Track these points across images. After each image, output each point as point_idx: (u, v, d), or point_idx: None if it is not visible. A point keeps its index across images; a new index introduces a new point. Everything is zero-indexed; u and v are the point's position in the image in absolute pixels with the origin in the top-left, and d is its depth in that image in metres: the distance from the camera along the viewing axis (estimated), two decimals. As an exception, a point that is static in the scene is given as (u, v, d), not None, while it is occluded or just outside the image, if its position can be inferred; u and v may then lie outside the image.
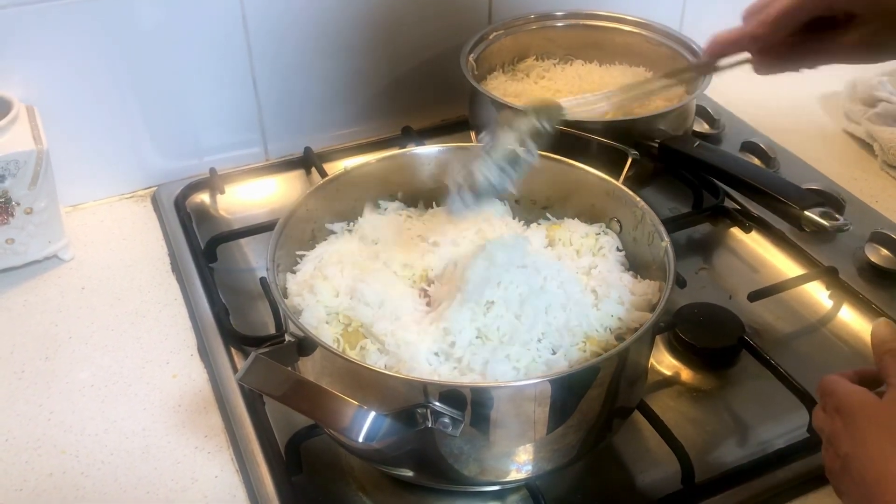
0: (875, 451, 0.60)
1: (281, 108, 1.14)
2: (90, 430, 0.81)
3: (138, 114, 1.06)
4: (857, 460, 0.61)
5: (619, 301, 0.75)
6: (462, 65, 1.07)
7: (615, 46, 1.18)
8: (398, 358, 0.69)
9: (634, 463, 0.78)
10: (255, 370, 0.63)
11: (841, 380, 0.66)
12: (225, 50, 1.07)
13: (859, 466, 0.60)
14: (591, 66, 1.19)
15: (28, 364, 0.87)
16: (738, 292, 0.95)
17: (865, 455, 0.60)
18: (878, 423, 0.61)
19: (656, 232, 0.77)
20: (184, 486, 0.76)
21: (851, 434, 0.62)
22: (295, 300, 0.75)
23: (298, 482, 0.75)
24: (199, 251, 0.99)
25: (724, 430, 0.81)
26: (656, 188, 1.07)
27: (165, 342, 0.90)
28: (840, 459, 0.63)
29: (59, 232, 0.98)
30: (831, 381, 0.66)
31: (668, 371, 0.87)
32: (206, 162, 1.13)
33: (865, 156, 1.19)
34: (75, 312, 0.93)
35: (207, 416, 0.82)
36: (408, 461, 0.69)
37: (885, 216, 1.05)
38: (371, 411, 0.59)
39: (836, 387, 0.65)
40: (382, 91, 1.19)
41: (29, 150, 0.91)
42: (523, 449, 0.68)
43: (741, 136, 1.18)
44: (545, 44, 1.20)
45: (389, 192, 0.88)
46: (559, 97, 1.08)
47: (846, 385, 0.65)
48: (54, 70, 0.99)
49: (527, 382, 0.66)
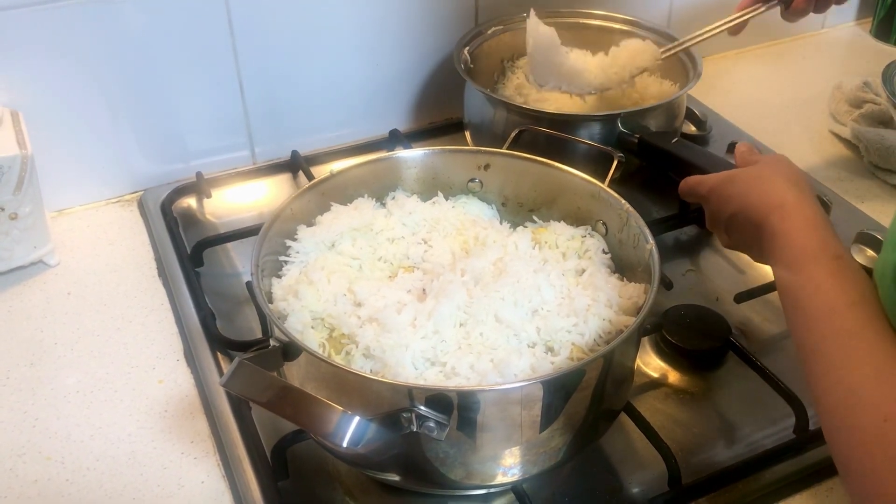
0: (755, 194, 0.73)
1: (268, 112, 1.14)
2: (76, 437, 0.80)
3: (124, 118, 1.06)
4: (742, 209, 0.74)
5: (606, 304, 0.75)
6: (455, 60, 1.08)
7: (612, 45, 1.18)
8: (384, 363, 0.69)
9: (621, 465, 0.78)
10: (239, 375, 0.62)
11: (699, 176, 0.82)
12: (211, 53, 1.07)
13: (747, 211, 0.74)
14: None
15: (13, 370, 0.87)
16: (724, 294, 0.95)
17: (747, 202, 0.74)
18: (749, 180, 0.75)
19: (642, 234, 0.77)
20: (170, 491, 0.76)
21: (729, 198, 0.76)
22: (280, 305, 0.75)
23: (285, 487, 0.74)
24: (186, 256, 0.99)
25: (711, 432, 0.81)
26: (643, 191, 1.08)
27: (152, 347, 0.90)
28: (726, 224, 0.77)
29: (45, 237, 0.98)
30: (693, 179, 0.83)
31: (655, 373, 0.87)
32: (193, 166, 1.12)
33: (851, 156, 1.20)
34: (61, 318, 0.93)
35: (194, 421, 0.82)
36: (394, 466, 0.69)
37: (870, 217, 1.06)
38: (355, 416, 0.59)
39: (702, 178, 0.81)
40: (369, 94, 1.19)
41: (13, 155, 0.90)
42: (509, 452, 0.68)
43: (728, 137, 1.19)
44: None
45: (376, 194, 0.88)
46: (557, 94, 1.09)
47: (706, 176, 0.81)
48: (39, 74, 0.99)
49: (512, 386, 0.65)
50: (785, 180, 0.73)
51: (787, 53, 1.47)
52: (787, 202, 0.70)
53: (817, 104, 1.30)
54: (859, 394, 0.56)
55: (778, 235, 0.69)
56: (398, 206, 0.87)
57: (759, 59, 1.45)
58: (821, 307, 0.63)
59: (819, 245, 0.66)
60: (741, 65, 1.43)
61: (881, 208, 1.08)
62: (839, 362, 0.59)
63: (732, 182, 0.77)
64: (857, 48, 1.50)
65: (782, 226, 0.69)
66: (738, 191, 0.75)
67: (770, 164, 0.77)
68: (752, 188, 0.74)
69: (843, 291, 0.62)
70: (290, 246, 0.81)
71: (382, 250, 0.82)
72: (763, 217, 0.71)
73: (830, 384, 0.59)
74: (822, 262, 0.65)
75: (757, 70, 1.42)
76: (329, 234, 0.82)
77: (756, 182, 0.74)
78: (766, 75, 1.40)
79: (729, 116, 1.25)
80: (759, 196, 0.73)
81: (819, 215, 0.69)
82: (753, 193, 0.74)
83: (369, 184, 0.88)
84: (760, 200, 0.72)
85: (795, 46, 1.49)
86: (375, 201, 0.87)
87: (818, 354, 0.61)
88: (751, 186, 0.74)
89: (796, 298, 0.65)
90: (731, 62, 1.43)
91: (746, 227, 0.74)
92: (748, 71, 1.41)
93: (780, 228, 0.69)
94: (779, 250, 0.69)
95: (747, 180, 0.76)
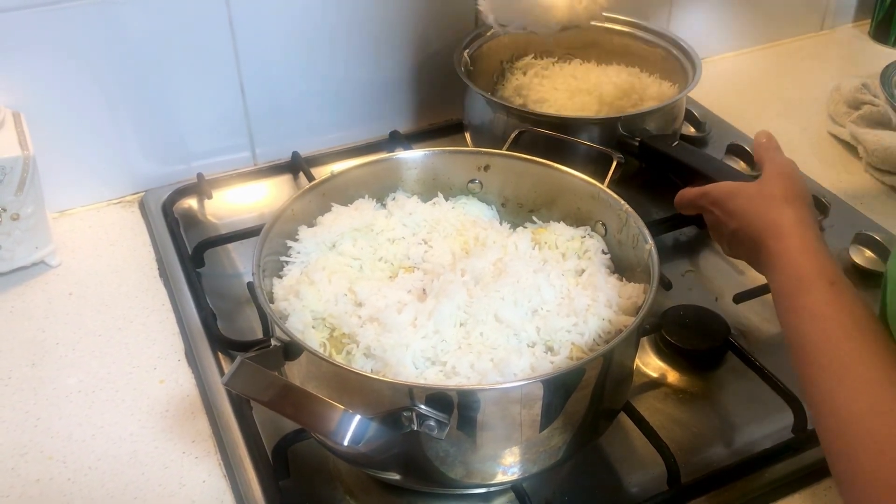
0: (755, 214, 0.75)
1: (268, 113, 1.14)
2: (77, 436, 0.80)
3: (125, 119, 1.06)
4: (743, 228, 0.76)
5: (606, 304, 0.75)
6: (455, 62, 1.08)
7: (612, 46, 1.19)
8: (384, 362, 0.69)
9: (621, 464, 0.78)
10: (241, 375, 0.63)
11: (701, 188, 0.83)
12: (212, 55, 1.07)
13: (746, 230, 0.75)
14: (589, 66, 1.20)
15: (15, 370, 0.87)
16: (723, 294, 0.96)
17: (748, 219, 0.75)
18: (751, 197, 0.77)
19: (641, 234, 0.77)
20: (171, 490, 0.76)
21: (731, 213, 0.78)
22: (281, 305, 0.75)
23: (286, 486, 0.75)
24: (187, 256, 0.99)
25: (710, 431, 0.82)
26: (643, 193, 1.08)
27: (153, 347, 0.90)
28: (728, 237, 0.80)
29: (47, 238, 0.98)
30: (695, 190, 0.84)
31: (655, 373, 0.87)
32: (194, 167, 1.13)
33: (850, 158, 1.20)
34: (62, 318, 0.93)
35: (195, 421, 0.82)
36: (394, 464, 0.69)
37: (869, 218, 1.06)
38: (356, 415, 0.59)
39: (704, 189, 0.82)
40: (370, 96, 1.20)
41: (15, 157, 0.90)
42: (509, 451, 0.68)
43: (727, 139, 1.19)
44: (545, 42, 1.20)
45: (377, 195, 0.88)
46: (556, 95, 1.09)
47: (714, 185, 0.82)
48: (41, 76, 0.99)
49: (512, 385, 0.66)
50: (783, 199, 0.74)
51: (786, 55, 1.47)
52: (784, 225, 0.72)
53: (816, 106, 1.30)
54: (854, 427, 0.58)
55: (774, 258, 0.71)
56: (398, 206, 0.87)
57: (757, 61, 1.45)
58: (817, 336, 0.64)
59: (815, 270, 0.68)
60: (740, 66, 1.43)
61: (879, 209, 1.09)
62: (834, 393, 0.60)
63: (734, 197, 0.79)
64: (855, 50, 1.50)
65: (779, 248, 0.71)
66: (739, 207, 0.77)
67: (772, 179, 0.78)
68: (752, 206, 0.76)
69: (838, 322, 0.64)
70: (291, 246, 0.81)
71: (383, 251, 0.83)
72: (761, 238, 0.73)
73: (826, 413, 0.60)
74: (818, 288, 0.66)
75: (756, 71, 1.42)
76: (330, 235, 0.82)
77: (757, 200, 0.76)
78: (764, 77, 1.41)
79: (727, 118, 1.26)
80: (758, 215, 0.75)
81: (816, 238, 0.71)
82: (753, 212, 0.75)
83: (370, 185, 0.88)
84: (760, 220, 0.74)
85: (794, 48, 1.49)
86: (376, 202, 0.88)
87: (814, 384, 0.62)
88: (751, 204, 0.76)
89: (793, 325, 0.66)
90: (730, 63, 1.43)
91: (746, 243, 0.77)
92: (747, 72, 1.42)
93: (776, 251, 0.71)
94: (776, 273, 0.70)
95: (749, 197, 0.77)
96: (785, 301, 0.68)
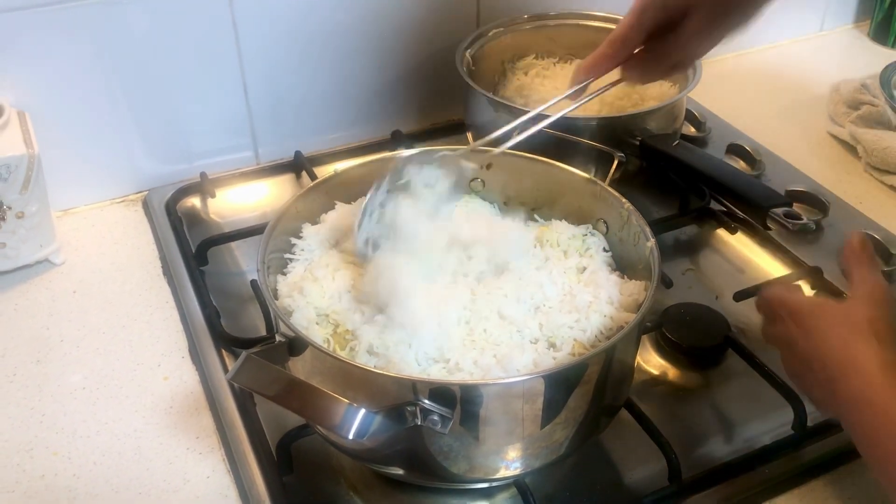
0: (836, 342, 0.67)
1: (271, 113, 1.15)
2: (82, 432, 0.81)
3: (129, 118, 1.07)
4: (818, 355, 0.68)
5: (607, 301, 0.76)
6: (457, 62, 1.08)
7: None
8: (387, 359, 0.70)
9: (622, 460, 0.79)
10: (246, 369, 0.63)
11: (786, 291, 0.76)
12: (215, 54, 1.08)
13: (821, 358, 0.68)
14: None
15: (20, 367, 0.87)
16: (724, 292, 0.96)
17: (826, 347, 0.68)
18: (834, 320, 0.69)
19: (642, 232, 0.78)
20: (175, 486, 0.76)
21: (808, 333, 0.70)
22: (285, 301, 0.76)
23: (290, 482, 0.75)
24: (190, 255, 0.99)
25: (711, 428, 0.82)
26: (644, 192, 1.08)
27: (157, 345, 0.90)
28: (799, 359, 0.71)
29: (51, 236, 0.98)
30: (779, 293, 0.76)
31: (655, 370, 0.88)
32: (197, 166, 1.13)
33: (849, 158, 1.20)
34: (66, 316, 0.94)
35: (199, 417, 0.83)
36: (398, 459, 0.70)
37: (868, 217, 1.07)
38: (361, 408, 0.60)
39: (787, 296, 0.74)
40: (372, 95, 1.20)
41: (20, 155, 0.91)
42: (512, 446, 0.69)
43: (727, 139, 1.20)
44: (546, 42, 1.21)
45: (380, 194, 0.89)
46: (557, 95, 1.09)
47: (796, 294, 0.76)
48: (45, 75, 1.00)
49: (515, 380, 0.66)
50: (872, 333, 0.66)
51: (786, 55, 1.48)
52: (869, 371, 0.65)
53: (815, 106, 1.31)
54: None
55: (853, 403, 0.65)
56: None
57: (757, 61, 1.46)
58: None
59: None
60: (739, 66, 1.44)
61: (879, 210, 1.09)
62: None
63: (815, 316, 0.71)
64: (855, 50, 1.51)
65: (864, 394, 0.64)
66: (820, 329, 0.69)
67: (862, 304, 0.70)
68: (834, 332, 0.68)
69: None
70: (294, 244, 0.81)
71: None
72: (841, 374, 0.66)
73: None
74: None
75: (755, 72, 1.43)
76: (333, 233, 0.83)
77: (841, 329, 0.68)
78: (764, 77, 1.41)
79: (727, 118, 1.26)
80: (840, 347, 0.67)
81: None
82: (834, 339, 0.68)
83: (372, 183, 0.88)
84: (840, 353, 0.67)
85: (793, 48, 1.50)
86: None
87: None
88: (834, 330, 0.68)
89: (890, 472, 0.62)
90: (730, 64, 1.44)
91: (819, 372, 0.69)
92: (746, 72, 1.42)
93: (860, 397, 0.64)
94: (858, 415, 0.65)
95: (832, 319, 0.70)
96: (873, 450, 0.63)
